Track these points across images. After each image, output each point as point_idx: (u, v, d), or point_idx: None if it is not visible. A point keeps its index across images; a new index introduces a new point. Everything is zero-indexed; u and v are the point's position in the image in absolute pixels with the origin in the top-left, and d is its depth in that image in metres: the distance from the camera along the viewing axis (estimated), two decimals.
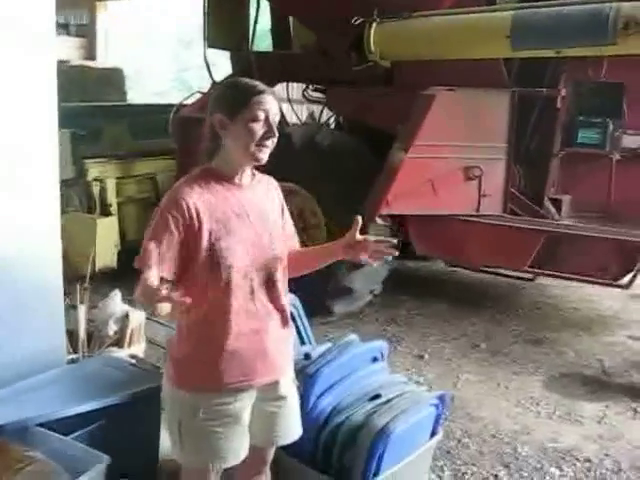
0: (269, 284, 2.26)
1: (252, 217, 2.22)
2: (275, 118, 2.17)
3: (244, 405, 2.26)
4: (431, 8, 5.17)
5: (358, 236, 2.31)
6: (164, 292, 1.95)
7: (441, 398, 3.13)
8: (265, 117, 2.14)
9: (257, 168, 2.28)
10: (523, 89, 5.22)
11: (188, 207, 2.10)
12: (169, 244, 2.09)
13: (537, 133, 5.40)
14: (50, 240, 3.28)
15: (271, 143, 2.17)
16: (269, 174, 2.43)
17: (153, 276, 2.02)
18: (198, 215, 2.11)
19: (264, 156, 2.17)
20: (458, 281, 6.79)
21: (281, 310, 2.32)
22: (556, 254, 5.14)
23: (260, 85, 2.17)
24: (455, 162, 5.17)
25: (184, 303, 1.97)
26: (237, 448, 2.27)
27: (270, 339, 2.26)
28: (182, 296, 1.97)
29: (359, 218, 2.32)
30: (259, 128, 2.13)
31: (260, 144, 2.14)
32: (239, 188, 2.22)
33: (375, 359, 3.31)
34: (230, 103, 2.15)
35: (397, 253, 2.28)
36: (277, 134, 2.16)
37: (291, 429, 2.43)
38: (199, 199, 2.13)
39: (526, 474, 3.58)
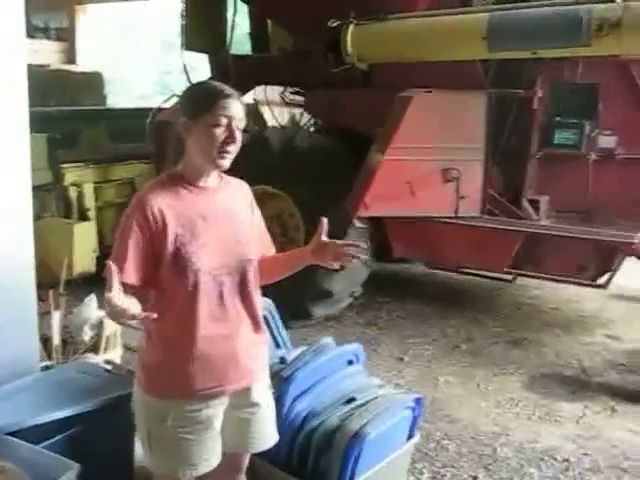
0: (240, 288, 2.24)
1: (220, 220, 2.20)
2: (239, 124, 2.15)
3: (216, 412, 2.24)
4: (407, 10, 5.18)
5: (324, 239, 2.29)
6: (130, 311, 1.92)
7: (417, 401, 3.13)
8: (227, 123, 2.13)
9: (227, 171, 2.27)
10: (500, 90, 5.23)
11: (153, 212, 2.09)
12: (135, 250, 2.08)
13: (514, 134, 5.41)
14: (22, 246, 3.25)
15: (233, 149, 2.15)
16: (247, 177, 2.42)
17: (116, 295, 1.95)
18: (163, 220, 2.10)
19: (226, 162, 2.16)
20: (438, 283, 6.79)
21: (253, 314, 2.30)
22: (535, 255, 5.16)
23: (227, 89, 2.16)
24: (433, 164, 5.18)
25: (149, 319, 1.96)
26: (209, 455, 2.25)
27: (241, 344, 2.24)
28: (146, 310, 1.97)
29: (324, 221, 2.31)
30: (220, 133, 2.12)
31: (221, 150, 2.13)
32: (205, 191, 2.21)
33: (350, 362, 3.30)
34: (194, 106, 2.14)
35: (365, 257, 2.27)
36: (239, 140, 2.15)
37: (266, 436, 2.41)
38: (164, 204, 2.11)
39: (505, 475, 3.58)
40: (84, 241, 6.21)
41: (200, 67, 8.15)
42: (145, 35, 19.00)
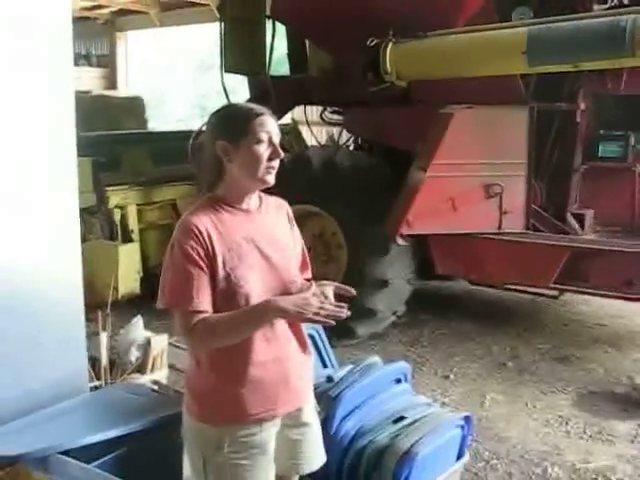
0: None
1: (263, 242, 2.20)
2: (277, 139, 2.17)
3: (269, 435, 2.22)
4: (446, 27, 5.16)
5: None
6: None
7: (467, 419, 3.09)
8: (268, 138, 2.14)
9: (266, 190, 2.28)
10: (541, 104, 5.20)
11: (202, 236, 2.08)
12: (198, 275, 2.07)
13: (557, 148, 5.36)
14: (71, 267, 3.29)
15: (276, 164, 2.17)
16: (289, 196, 2.42)
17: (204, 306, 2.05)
18: (212, 244, 2.09)
19: (272, 178, 2.17)
20: (482, 300, 6.75)
21: (300, 335, 2.29)
22: (580, 270, 5.07)
23: (257, 107, 2.18)
24: (475, 180, 5.15)
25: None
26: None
27: (291, 366, 2.23)
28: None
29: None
30: (264, 151, 2.13)
31: (268, 166, 2.14)
32: (247, 214, 2.21)
33: (398, 381, 3.28)
34: (231, 129, 2.14)
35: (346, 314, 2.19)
36: (282, 154, 2.17)
37: (315, 456, 2.39)
38: (210, 227, 2.11)
39: None
40: (128, 262, 6.27)
41: (238, 89, 8.25)
42: (183, 59, 19.30)
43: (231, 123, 2.16)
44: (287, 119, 8.03)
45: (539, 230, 5.29)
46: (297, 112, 7.90)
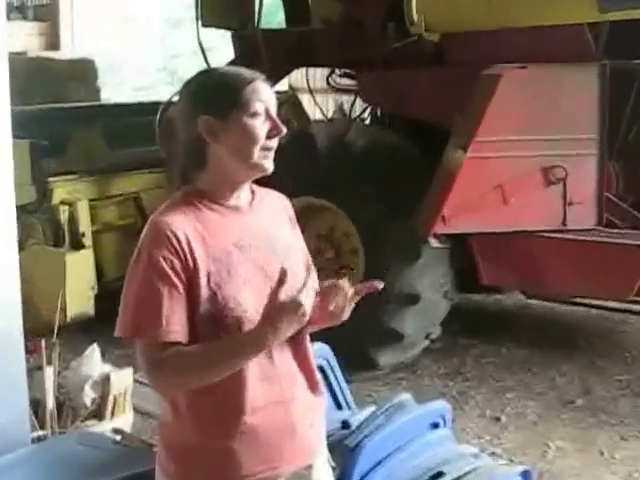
0: (291, 337, 2.21)
1: (259, 249, 2.17)
2: (274, 110, 2.15)
3: None
4: None
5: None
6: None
7: (525, 474, 3.09)
8: (265, 110, 2.13)
9: (259, 181, 2.27)
10: (616, 62, 5.20)
11: (179, 243, 2.05)
12: (171, 295, 2.04)
13: (638, 119, 5.35)
14: (5, 283, 3.29)
15: (275, 144, 2.15)
16: (287, 186, 2.41)
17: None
18: (192, 253, 2.06)
19: (270, 164, 2.15)
20: (540, 317, 6.74)
21: (308, 369, 2.27)
22: None
23: (248, 72, 2.16)
24: (531, 161, 5.14)
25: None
26: None
27: (297, 411, 2.21)
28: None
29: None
30: (261, 125, 2.12)
31: (265, 147, 2.13)
32: (237, 212, 2.18)
33: (435, 425, 3.27)
34: (217, 99, 2.11)
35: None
36: (284, 130, 2.15)
37: None
38: (189, 231, 2.08)
39: None
40: (79, 275, 6.26)
41: (218, 47, 8.26)
42: (144, 11, 19.31)
43: (216, 92, 2.14)
44: (283, 85, 8.04)
45: (615, 226, 5.28)
46: (296, 76, 7.92)
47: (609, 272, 5.11)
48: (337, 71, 6.69)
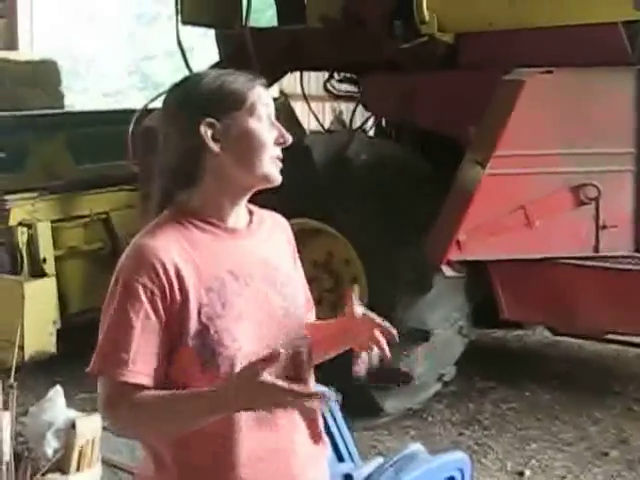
0: (291, 377, 2.21)
1: (257, 277, 2.17)
2: (274, 119, 2.19)
3: None
4: None
5: (358, 310, 2.20)
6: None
7: None
8: (269, 116, 2.16)
9: (253, 200, 2.27)
10: None
11: (166, 271, 2.05)
12: (144, 332, 2.04)
13: None
14: None
15: (280, 154, 2.18)
16: (276, 207, 2.41)
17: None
18: (181, 283, 2.06)
19: (279, 174, 2.18)
20: (569, 356, 6.74)
21: (310, 416, 2.28)
22: None
23: (246, 75, 2.19)
24: (559, 179, 5.16)
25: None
26: None
27: (298, 462, 2.21)
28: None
29: (354, 287, 2.26)
30: (267, 131, 2.15)
31: (275, 155, 2.15)
32: (235, 236, 2.19)
33: (452, 479, 3.27)
34: (219, 102, 2.14)
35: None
36: (290, 139, 2.18)
37: None
38: (180, 258, 2.09)
39: None
40: (39, 307, 6.25)
41: (199, 48, 8.29)
42: (114, 7, 19.37)
43: (218, 95, 2.15)
44: (273, 91, 8.07)
45: None
46: (288, 81, 7.94)
47: None
48: (336, 75, 6.69)
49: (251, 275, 2.16)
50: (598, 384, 6.23)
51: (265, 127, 2.14)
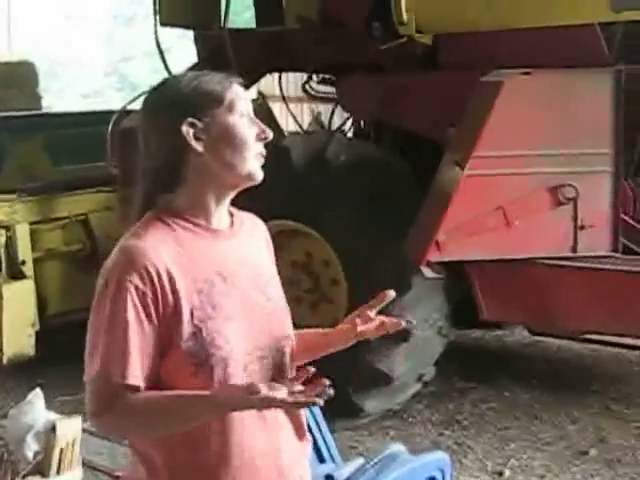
0: (275, 377, 2.22)
1: (241, 278, 2.18)
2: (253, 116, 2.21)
3: None
4: None
5: (372, 314, 2.36)
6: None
7: None
8: (248, 113, 2.18)
9: (233, 202, 2.27)
10: (632, 67, 5.24)
11: (158, 273, 2.05)
12: (138, 334, 2.04)
13: None
14: None
15: (263, 150, 2.19)
16: (255, 208, 2.42)
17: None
18: (173, 286, 2.06)
19: (261, 171, 2.19)
20: (548, 356, 6.76)
21: (295, 415, 2.29)
22: None
23: (222, 74, 2.21)
24: (537, 180, 5.17)
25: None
26: None
27: (286, 462, 2.21)
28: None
29: (390, 294, 2.35)
30: (248, 127, 2.16)
31: (257, 152, 2.16)
32: (219, 237, 2.19)
33: None
34: (199, 101, 2.15)
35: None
36: (271, 135, 2.19)
37: None
38: (170, 261, 2.09)
39: None
40: (18, 309, 6.23)
41: (177, 49, 8.28)
42: (91, 9, 19.31)
43: (197, 94, 2.16)
44: (251, 92, 8.06)
45: (634, 252, 5.32)
46: (265, 82, 7.94)
47: (626, 304, 5.13)
48: (314, 76, 6.69)
49: (237, 275, 2.17)
50: (577, 384, 6.26)
51: (245, 123, 2.15)
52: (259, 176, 2.17)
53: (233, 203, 2.27)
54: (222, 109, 2.14)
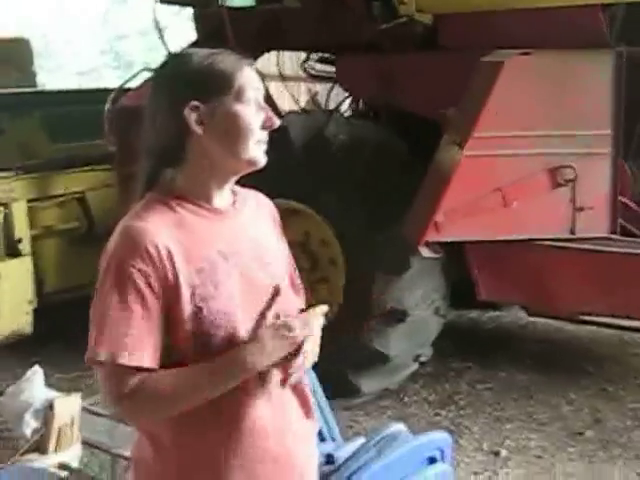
0: None
1: (245, 257, 2.17)
2: (263, 101, 2.18)
3: None
4: None
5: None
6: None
7: None
8: (256, 100, 2.15)
9: (248, 178, 2.26)
10: (634, 49, 5.22)
11: (158, 253, 2.04)
12: (143, 314, 2.03)
13: None
14: None
15: (266, 137, 2.18)
16: (254, 187, 2.40)
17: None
18: (173, 266, 2.06)
19: (264, 157, 2.17)
20: (544, 337, 6.77)
21: (301, 393, 2.29)
22: None
23: (234, 55, 2.18)
24: (536, 161, 5.16)
25: None
26: None
27: (294, 440, 2.22)
28: None
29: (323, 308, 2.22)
30: (255, 115, 2.13)
31: (260, 139, 2.14)
32: (221, 216, 2.19)
33: (433, 460, 3.28)
34: (206, 84, 2.13)
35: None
36: (278, 122, 2.17)
37: None
38: (170, 240, 2.08)
39: None
40: (15, 287, 6.22)
41: (172, 27, 8.23)
42: None
43: (205, 76, 2.13)
44: None
45: (632, 234, 5.31)
46: (263, 61, 7.91)
47: (623, 286, 5.13)
48: (313, 55, 6.67)
49: (239, 254, 2.16)
50: (573, 365, 6.27)
51: (252, 111, 2.12)
52: (261, 162, 2.16)
53: (235, 181, 2.26)
54: (230, 95, 2.11)
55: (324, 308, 2.18)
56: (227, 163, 2.15)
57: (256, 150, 2.14)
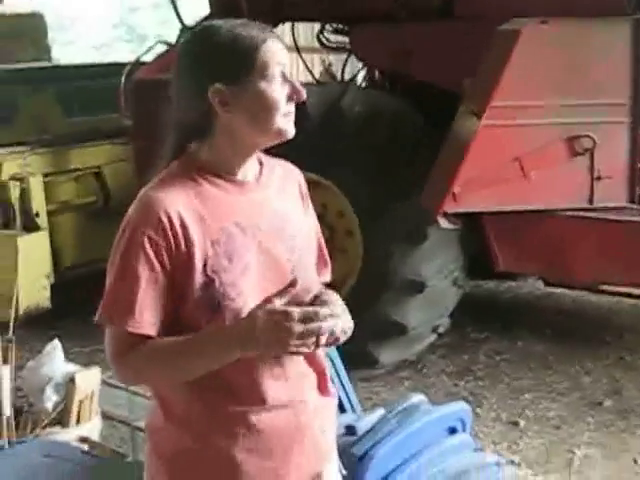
0: None
1: (265, 230, 2.17)
2: (288, 73, 2.17)
3: None
4: None
5: None
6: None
7: None
8: (282, 73, 2.13)
9: (267, 151, 2.26)
10: None
11: (171, 222, 2.05)
12: (149, 282, 2.05)
13: None
14: None
15: (293, 108, 2.17)
16: None
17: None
18: (187, 237, 2.06)
19: (293, 127, 2.16)
20: (562, 307, 6.76)
21: (318, 366, 2.29)
22: None
23: (257, 27, 2.15)
24: (554, 131, 5.14)
25: None
26: None
27: (308, 413, 2.22)
28: None
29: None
30: (280, 89, 2.12)
31: (287, 112, 2.13)
32: (243, 188, 2.18)
33: (453, 430, 3.29)
34: (229, 64, 2.11)
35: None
36: (304, 94, 2.16)
37: None
38: (185, 210, 2.08)
39: None
40: (33, 261, 6.24)
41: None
42: None
43: (228, 55, 2.11)
44: None
45: None
46: (279, 32, 7.88)
47: None
48: (328, 26, 6.63)
49: (259, 227, 2.16)
50: (591, 335, 6.27)
51: (277, 87, 2.11)
52: (290, 133, 2.16)
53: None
54: (253, 75, 2.09)
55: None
56: (254, 138, 2.15)
57: (284, 122, 2.13)
